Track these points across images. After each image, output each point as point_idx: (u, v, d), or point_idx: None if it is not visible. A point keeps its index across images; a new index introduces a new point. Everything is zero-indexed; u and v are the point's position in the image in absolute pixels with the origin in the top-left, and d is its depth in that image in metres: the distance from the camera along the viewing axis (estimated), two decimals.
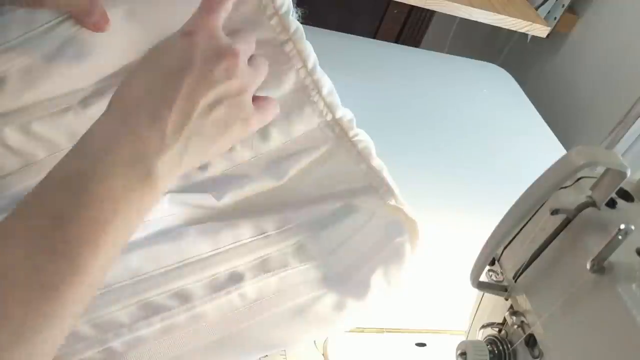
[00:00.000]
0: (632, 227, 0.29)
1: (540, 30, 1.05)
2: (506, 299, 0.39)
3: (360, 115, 0.51)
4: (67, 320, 0.29)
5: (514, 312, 0.38)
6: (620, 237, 0.29)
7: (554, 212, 0.35)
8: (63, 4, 0.44)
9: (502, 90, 0.99)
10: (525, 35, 1.10)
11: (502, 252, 0.39)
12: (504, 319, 0.39)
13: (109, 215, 0.30)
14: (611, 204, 0.34)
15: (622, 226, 0.29)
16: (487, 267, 0.39)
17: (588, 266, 0.30)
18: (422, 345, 0.55)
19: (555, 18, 1.07)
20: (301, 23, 0.50)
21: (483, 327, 0.41)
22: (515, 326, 0.37)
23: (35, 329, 0.27)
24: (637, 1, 0.97)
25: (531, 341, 0.35)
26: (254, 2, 0.49)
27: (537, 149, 0.86)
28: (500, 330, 0.39)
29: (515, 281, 0.37)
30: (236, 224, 0.45)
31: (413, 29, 1.62)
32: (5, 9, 0.44)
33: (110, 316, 0.39)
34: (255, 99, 0.39)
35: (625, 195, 0.36)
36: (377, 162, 0.48)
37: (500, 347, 0.38)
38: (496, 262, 0.40)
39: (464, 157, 0.79)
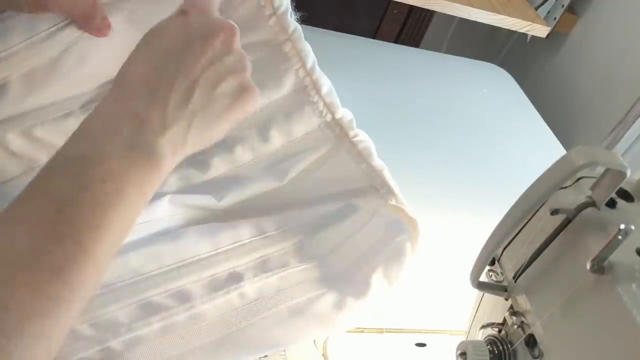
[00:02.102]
0: (632, 227, 0.29)
1: (540, 30, 1.05)
2: (506, 299, 0.39)
3: (360, 116, 0.51)
4: (75, 304, 0.29)
5: (514, 312, 0.38)
6: (620, 237, 0.29)
7: (554, 212, 0.35)
8: (65, 9, 0.44)
9: (502, 90, 0.99)
10: (524, 35, 1.10)
11: (502, 252, 0.39)
12: (504, 319, 0.39)
13: (112, 197, 0.30)
14: (611, 204, 0.34)
15: (622, 226, 0.29)
16: (487, 267, 0.39)
17: (588, 266, 0.30)
18: (422, 345, 0.55)
19: (555, 18, 1.07)
20: (300, 24, 0.50)
21: (483, 327, 0.41)
22: (515, 326, 0.37)
23: (43, 312, 0.27)
24: (637, 1, 0.97)
25: (531, 341, 0.35)
26: (253, 2, 0.49)
27: (537, 149, 0.86)
28: (500, 331, 0.39)
29: (515, 281, 0.37)
30: (236, 224, 0.45)
31: (413, 29, 1.62)
32: (7, 15, 0.44)
33: (110, 315, 0.39)
34: None
35: (625, 195, 0.36)
36: (377, 162, 0.48)
37: (500, 347, 0.38)
38: (496, 262, 0.40)
39: (463, 157, 0.79)
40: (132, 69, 0.35)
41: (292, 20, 0.49)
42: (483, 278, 0.39)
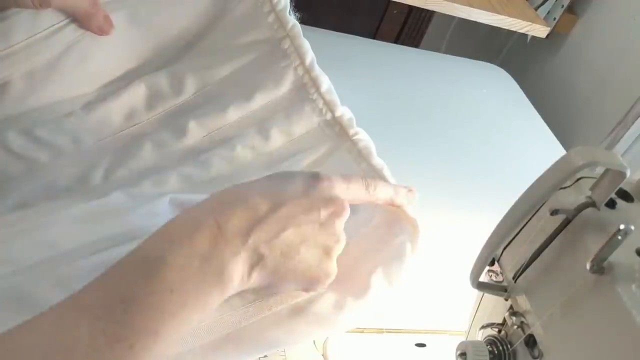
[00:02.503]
0: (632, 227, 0.29)
1: (540, 30, 1.05)
2: (506, 299, 0.39)
3: (360, 116, 0.51)
4: None
5: (513, 312, 0.38)
6: (620, 237, 0.29)
7: (554, 212, 0.35)
8: (69, 5, 0.44)
9: (501, 91, 0.99)
10: (524, 35, 1.10)
11: (502, 252, 0.39)
12: (504, 320, 0.39)
13: (175, 307, 0.30)
14: (611, 204, 0.34)
15: (622, 226, 0.29)
16: (487, 268, 0.39)
17: (588, 266, 0.30)
18: (422, 345, 0.55)
19: (554, 18, 1.07)
20: (300, 24, 0.50)
21: (483, 327, 0.41)
22: (515, 326, 0.37)
23: None
24: (637, 1, 0.97)
25: (531, 341, 0.35)
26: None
27: (536, 149, 0.86)
28: (500, 331, 0.39)
29: (515, 281, 0.37)
30: None
31: (412, 29, 1.63)
32: (9, 13, 0.43)
33: None
34: None
35: (625, 195, 0.36)
36: (377, 161, 0.48)
37: (500, 348, 0.38)
38: (496, 262, 0.40)
39: (463, 157, 0.79)
40: (241, 191, 0.36)
41: (290, 17, 0.49)
42: (483, 278, 0.39)
